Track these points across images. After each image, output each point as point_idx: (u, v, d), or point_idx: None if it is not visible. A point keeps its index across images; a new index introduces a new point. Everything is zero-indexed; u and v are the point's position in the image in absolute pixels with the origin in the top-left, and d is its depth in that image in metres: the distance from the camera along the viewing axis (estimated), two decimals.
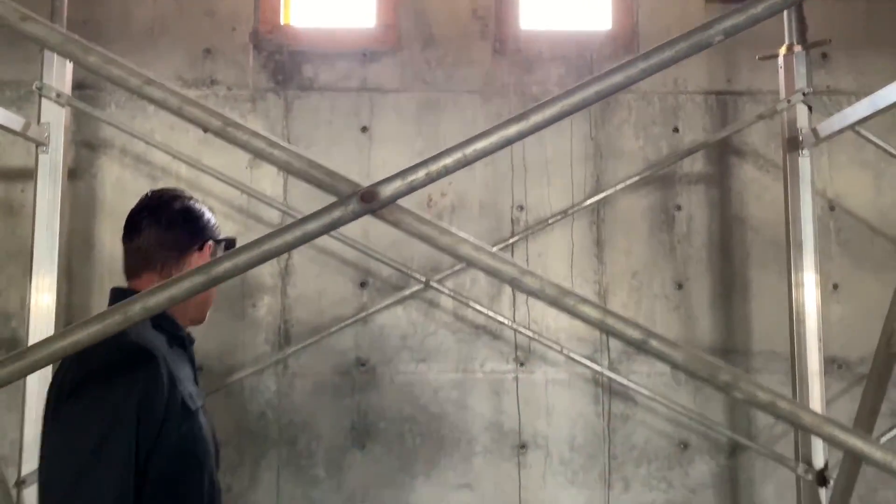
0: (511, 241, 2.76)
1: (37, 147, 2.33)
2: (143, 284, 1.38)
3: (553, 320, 2.80)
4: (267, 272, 2.80)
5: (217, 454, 1.43)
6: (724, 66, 2.92)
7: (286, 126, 2.86)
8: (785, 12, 2.44)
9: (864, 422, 2.16)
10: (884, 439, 2.54)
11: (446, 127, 2.87)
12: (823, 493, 2.37)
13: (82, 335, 0.91)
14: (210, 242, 1.48)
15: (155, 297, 0.91)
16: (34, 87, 2.36)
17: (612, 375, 2.61)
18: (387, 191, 0.87)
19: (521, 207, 2.84)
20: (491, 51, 2.91)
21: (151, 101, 0.94)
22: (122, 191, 2.80)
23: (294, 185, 2.82)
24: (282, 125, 2.86)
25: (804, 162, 2.38)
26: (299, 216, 2.54)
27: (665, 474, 2.78)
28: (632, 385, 2.57)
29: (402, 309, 2.79)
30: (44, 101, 2.37)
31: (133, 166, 2.81)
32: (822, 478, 2.36)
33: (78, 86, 2.61)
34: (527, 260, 2.81)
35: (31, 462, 2.24)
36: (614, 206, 2.87)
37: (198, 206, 1.49)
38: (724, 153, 2.89)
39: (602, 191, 2.77)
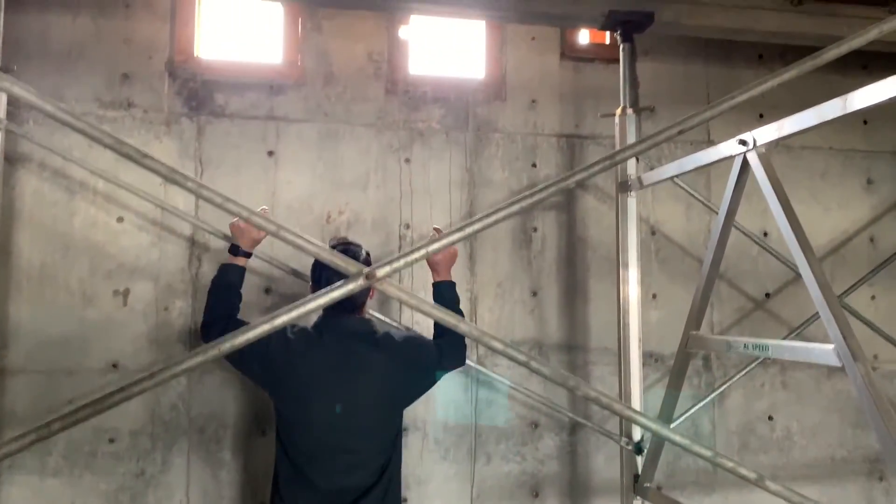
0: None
1: None
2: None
3: None
4: (179, 279, 3.12)
5: None
6: (573, 114, 3.55)
7: (199, 148, 3.18)
8: (621, 81, 3.09)
9: (668, 404, 2.86)
10: (681, 419, 3.28)
11: (344, 153, 3.31)
12: (639, 460, 3.05)
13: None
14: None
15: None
16: None
17: (481, 369, 3.17)
18: (381, 273, 1.34)
19: (408, 226, 3.34)
20: (384, 90, 3.37)
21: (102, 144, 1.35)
22: (40, 203, 3.01)
23: (205, 203, 3.15)
24: (194, 147, 3.18)
25: (632, 202, 3.05)
26: (210, 230, 2.86)
27: (520, 449, 3.39)
28: (496, 377, 3.14)
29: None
30: None
31: (51, 180, 3.03)
32: (638, 448, 3.04)
33: None
34: (412, 271, 3.30)
35: None
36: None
37: None
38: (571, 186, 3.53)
39: (475, 214, 3.33)
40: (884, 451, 1.87)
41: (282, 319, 1.34)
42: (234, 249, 2.59)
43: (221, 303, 2.48)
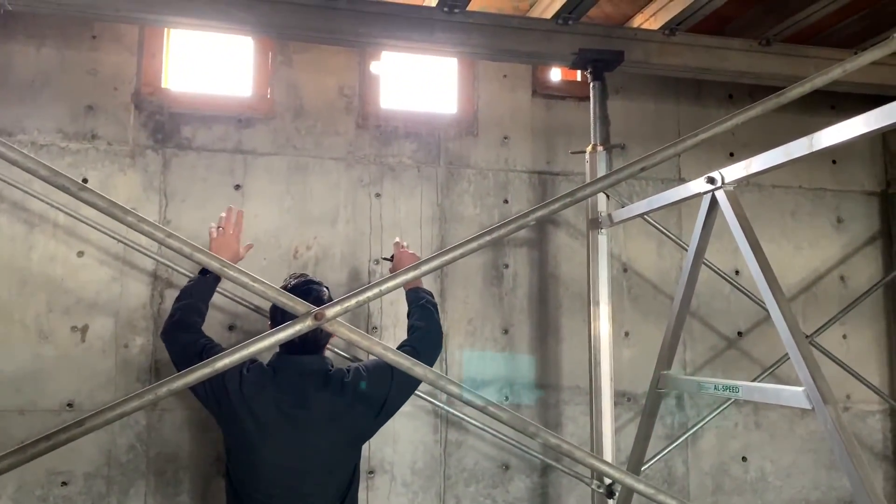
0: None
1: None
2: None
3: None
4: (140, 315, 3.03)
5: None
6: (544, 151, 3.54)
7: (163, 181, 3.12)
8: (591, 119, 3.08)
9: (640, 445, 2.81)
10: (653, 461, 3.22)
11: (313, 188, 3.26)
12: (611, 503, 2.98)
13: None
14: None
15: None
16: None
17: (449, 409, 3.09)
18: (330, 313, 1.28)
19: (377, 261, 3.28)
20: (354, 124, 3.34)
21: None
22: None
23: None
24: (159, 180, 3.12)
25: (602, 238, 3.02)
26: (171, 265, 2.79)
27: (490, 491, 3.30)
28: (466, 418, 3.07)
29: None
30: None
31: (10, 212, 2.95)
32: (609, 491, 2.97)
33: None
34: (381, 307, 3.24)
35: None
36: (455, 263, 3.36)
37: None
38: (543, 222, 3.50)
39: (445, 248, 3.28)
40: (855, 493, 1.83)
41: (224, 362, 1.28)
42: (205, 271, 2.45)
43: (190, 312, 2.38)
